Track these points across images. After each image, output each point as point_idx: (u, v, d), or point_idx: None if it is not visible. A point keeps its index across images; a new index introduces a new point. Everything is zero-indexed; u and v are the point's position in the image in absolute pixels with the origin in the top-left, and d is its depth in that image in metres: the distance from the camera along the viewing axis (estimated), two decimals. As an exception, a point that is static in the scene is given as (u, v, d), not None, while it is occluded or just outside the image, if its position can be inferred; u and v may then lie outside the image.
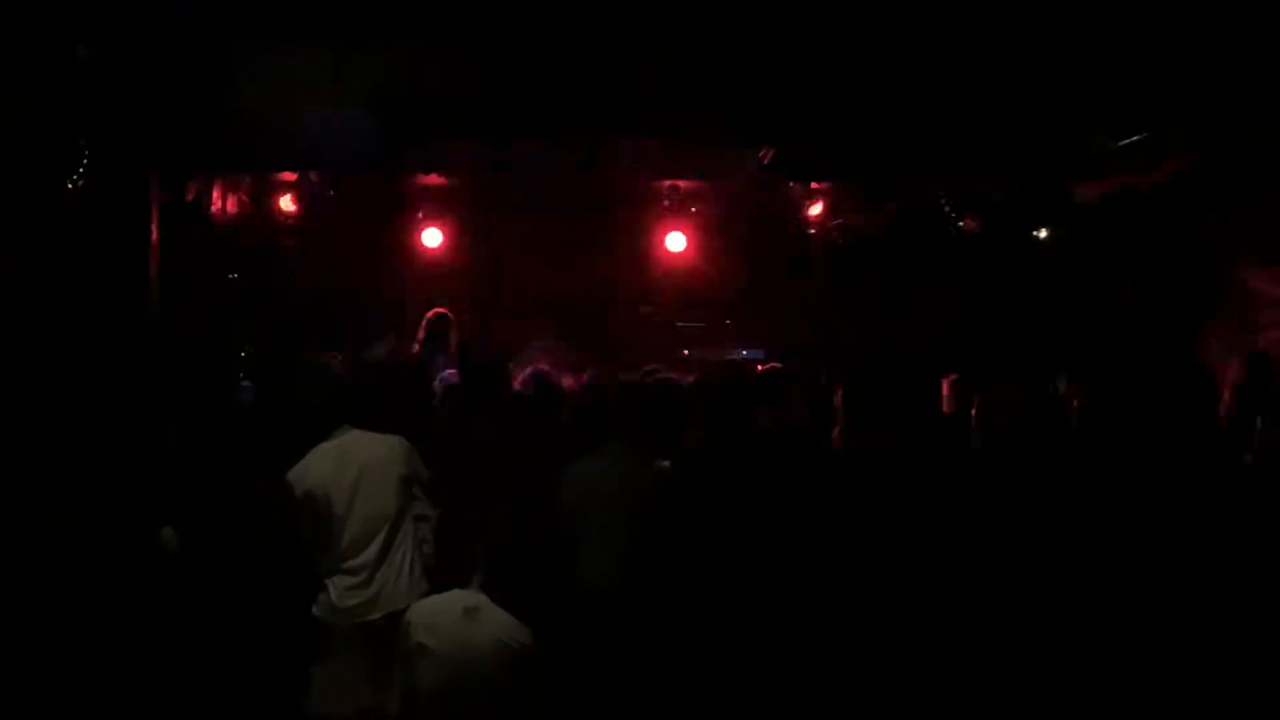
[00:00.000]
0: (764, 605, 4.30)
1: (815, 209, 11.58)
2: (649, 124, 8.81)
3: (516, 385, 7.02)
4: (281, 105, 7.57)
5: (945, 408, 7.20)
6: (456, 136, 9.26)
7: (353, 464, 5.46)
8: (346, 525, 5.40)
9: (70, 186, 7.67)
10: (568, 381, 7.90)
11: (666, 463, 5.38)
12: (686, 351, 11.32)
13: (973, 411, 7.23)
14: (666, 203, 11.61)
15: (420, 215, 11.96)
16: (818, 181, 11.17)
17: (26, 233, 7.62)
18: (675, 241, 12.06)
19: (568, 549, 5.28)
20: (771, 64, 8.00)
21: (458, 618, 4.44)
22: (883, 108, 8.12)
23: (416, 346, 8.30)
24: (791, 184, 11.53)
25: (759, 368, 9.01)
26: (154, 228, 8.29)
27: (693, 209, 11.78)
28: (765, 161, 10.18)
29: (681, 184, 11.43)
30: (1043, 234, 9.28)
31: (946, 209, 9.26)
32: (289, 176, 10.91)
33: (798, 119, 8.49)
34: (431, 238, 11.97)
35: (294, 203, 11.16)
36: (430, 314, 9.28)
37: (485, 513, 4.94)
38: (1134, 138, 7.79)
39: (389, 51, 7.64)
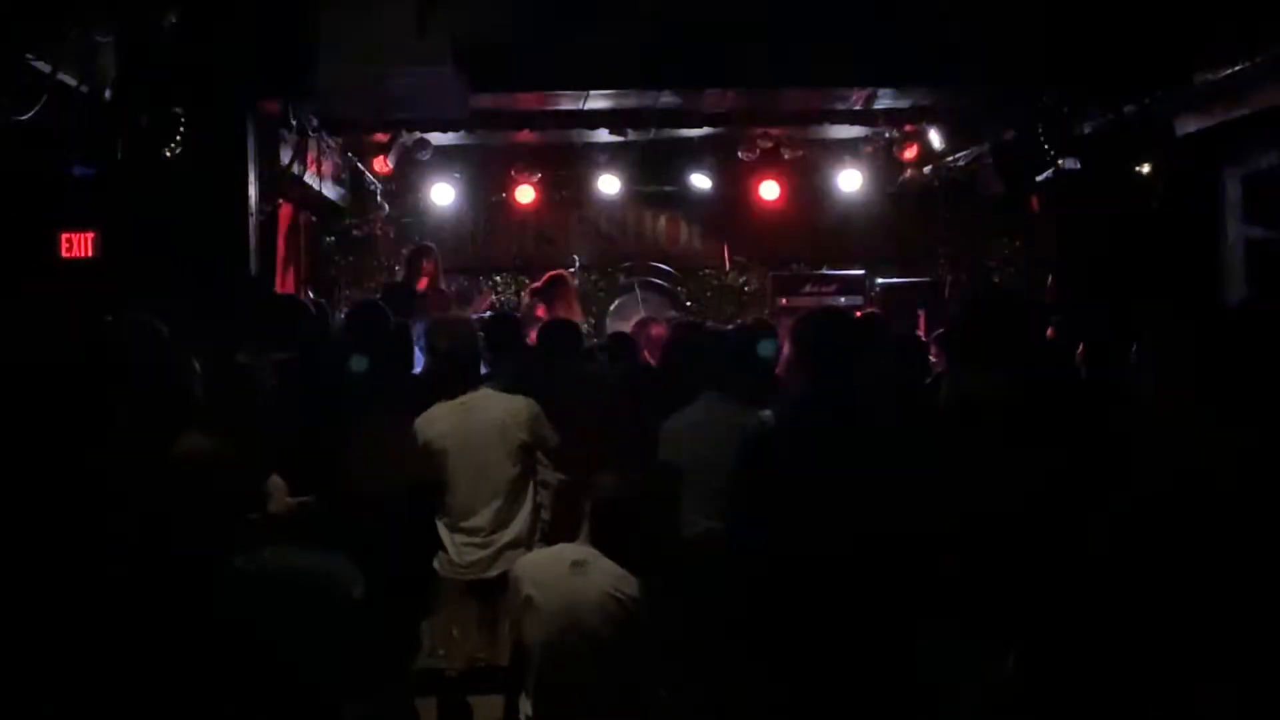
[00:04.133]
0: (872, 556, 4.20)
1: (911, 151, 11.37)
2: (740, 73, 8.70)
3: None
4: (369, 62, 7.59)
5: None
6: (547, 88, 9.21)
7: (474, 423, 5.39)
8: (463, 483, 5.37)
9: (167, 154, 7.75)
10: (660, 330, 7.87)
11: (768, 412, 5.27)
12: (784, 300, 11.21)
13: (1078, 355, 7.09)
14: (759, 150, 11.46)
15: (512, 173, 11.97)
16: (913, 123, 10.95)
17: (128, 199, 7.73)
18: (769, 189, 11.96)
19: (672, 504, 5.22)
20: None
21: (566, 571, 4.43)
22: (981, 40, 7.96)
23: (526, 295, 8.36)
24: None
25: (857, 314, 8.91)
26: (250, 190, 8.36)
27: (786, 155, 11.64)
28: (860, 106, 10.03)
29: (774, 131, 11.28)
30: (1145, 169, 8.98)
31: (1045, 145, 8.99)
32: (381, 137, 10.93)
33: (895, 59, 8.35)
34: (524, 194, 11.99)
35: (387, 164, 11.19)
36: (549, 274, 9.40)
37: (588, 468, 4.88)
38: (1235, 68, 7.50)
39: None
